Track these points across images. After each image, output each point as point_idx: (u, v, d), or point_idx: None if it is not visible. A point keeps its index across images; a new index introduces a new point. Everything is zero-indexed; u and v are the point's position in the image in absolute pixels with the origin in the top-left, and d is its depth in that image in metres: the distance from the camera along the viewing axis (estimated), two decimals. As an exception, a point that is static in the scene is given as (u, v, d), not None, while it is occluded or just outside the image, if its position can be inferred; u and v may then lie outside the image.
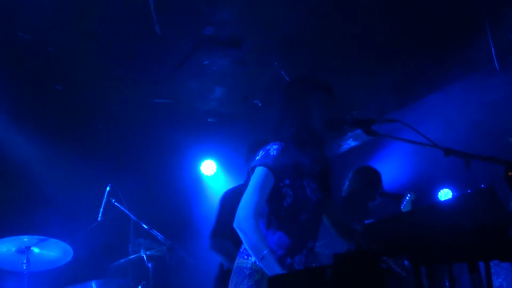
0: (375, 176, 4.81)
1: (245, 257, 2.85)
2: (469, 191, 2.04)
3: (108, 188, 5.36)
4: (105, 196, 5.35)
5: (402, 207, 4.70)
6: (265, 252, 2.66)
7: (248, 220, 2.73)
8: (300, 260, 2.86)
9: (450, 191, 7.48)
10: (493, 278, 5.08)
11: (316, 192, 2.95)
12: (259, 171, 2.83)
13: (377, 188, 4.72)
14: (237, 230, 2.77)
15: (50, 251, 4.89)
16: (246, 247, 2.78)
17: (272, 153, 2.85)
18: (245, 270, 2.83)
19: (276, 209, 2.88)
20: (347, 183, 4.83)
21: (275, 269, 2.62)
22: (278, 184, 2.85)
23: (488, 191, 1.95)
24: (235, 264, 2.92)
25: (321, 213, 3.04)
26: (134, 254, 5.28)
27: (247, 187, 2.85)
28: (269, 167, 2.81)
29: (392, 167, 6.72)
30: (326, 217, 3.16)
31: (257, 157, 2.89)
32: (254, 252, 2.71)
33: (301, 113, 2.95)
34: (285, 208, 2.87)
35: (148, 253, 5.21)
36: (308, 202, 2.90)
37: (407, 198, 4.63)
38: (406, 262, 4.22)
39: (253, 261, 2.79)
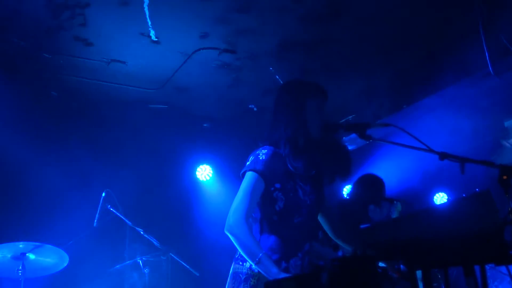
0: (380, 184, 4.82)
1: (240, 262, 2.85)
2: (464, 195, 2.05)
3: (103, 194, 5.34)
4: (101, 202, 5.34)
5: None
6: (261, 255, 2.65)
7: (240, 224, 2.71)
8: (296, 264, 2.85)
9: (445, 195, 7.49)
10: (488, 281, 5.08)
11: (309, 194, 2.95)
12: (249, 176, 2.82)
13: (380, 195, 4.74)
14: (229, 235, 2.75)
15: (45, 257, 4.86)
16: (241, 252, 2.76)
17: (261, 158, 2.85)
18: (240, 275, 2.82)
19: (268, 213, 2.88)
20: (352, 187, 4.83)
21: (273, 271, 2.61)
22: (269, 188, 2.84)
23: (483, 195, 1.96)
24: (231, 270, 2.91)
25: (316, 215, 3.05)
26: (130, 260, 5.26)
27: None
28: (259, 172, 2.80)
29: (387, 172, 6.72)
30: (322, 220, 3.17)
31: (247, 163, 2.89)
32: (250, 256, 2.69)
33: (298, 117, 2.93)
34: (277, 213, 2.86)
35: (144, 258, 5.20)
36: (301, 204, 2.90)
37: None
38: (402, 266, 4.22)
39: (249, 266, 2.78)
